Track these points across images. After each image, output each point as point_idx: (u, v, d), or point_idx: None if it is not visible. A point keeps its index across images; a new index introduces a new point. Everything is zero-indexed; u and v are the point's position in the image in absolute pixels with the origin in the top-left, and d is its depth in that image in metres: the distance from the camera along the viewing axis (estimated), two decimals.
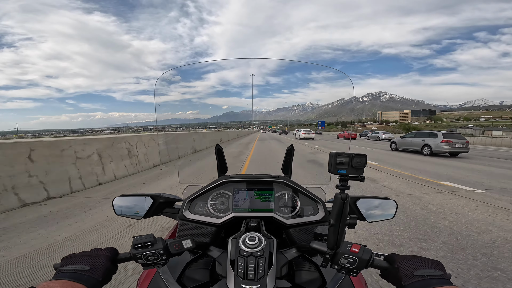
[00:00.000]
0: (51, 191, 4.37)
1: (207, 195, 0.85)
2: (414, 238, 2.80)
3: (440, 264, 0.54)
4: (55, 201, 4.24)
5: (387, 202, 0.87)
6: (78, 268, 0.52)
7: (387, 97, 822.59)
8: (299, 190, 0.85)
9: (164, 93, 1.30)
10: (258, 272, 0.57)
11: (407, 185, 5.48)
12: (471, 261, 2.31)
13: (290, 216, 0.82)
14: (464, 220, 3.38)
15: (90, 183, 5.26)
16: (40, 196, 4.17)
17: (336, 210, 0.53)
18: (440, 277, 0.51)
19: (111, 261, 0.58)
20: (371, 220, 0.85)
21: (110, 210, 3.63)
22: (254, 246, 0.60)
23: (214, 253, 0.68)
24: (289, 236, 0.80)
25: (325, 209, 0.82)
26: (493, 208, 3.90)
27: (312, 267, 0.74)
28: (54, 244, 2.64)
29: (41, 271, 2.12)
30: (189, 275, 0.72)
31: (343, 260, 0.56)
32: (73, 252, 0.59)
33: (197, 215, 0.81)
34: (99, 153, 5.73)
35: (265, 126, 59.85)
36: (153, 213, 0.87)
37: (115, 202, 0.86)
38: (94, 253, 0.57)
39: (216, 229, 0.79)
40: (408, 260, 0.55)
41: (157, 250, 0.59)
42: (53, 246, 2.59)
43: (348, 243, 0.57)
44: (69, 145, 4.97)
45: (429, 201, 4.23)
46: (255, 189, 0.85)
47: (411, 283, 0.51)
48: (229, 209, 0.82)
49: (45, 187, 4.29)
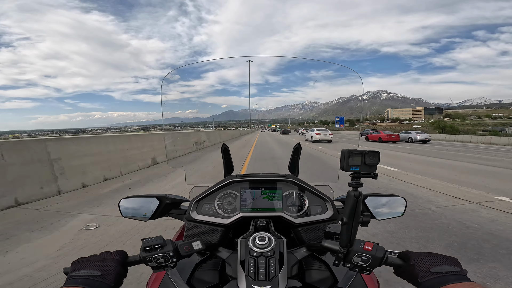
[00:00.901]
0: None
1: (214, 195, 0.84)
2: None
3: (456, 261, 0.54)
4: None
5: (396, 199, 0.86)
6: (90, 273, 0.52)
7: (387, 95, 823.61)
8: (307, 188, 0.84)
9: (164, 92, 1.30)
10: (269, 273, 0.56)
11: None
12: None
13: (298, 215, 0.81)
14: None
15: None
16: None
17: (349, 208, 0.53)
18: (458, 274, 0.50)
19: (122, 265, 0.57)
20: (380, 218, 0.84)
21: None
22: (264, 246, 0.60)
23: (223, 254, 0.67)
24: (298, 235, 0.79)
25: (333, 208, 0.82)
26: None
27: (323, 266, 0.73)
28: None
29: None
30: (199, 276, 0.71)
31: (356, 259, 0.55)
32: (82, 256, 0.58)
33: (204, 216, 0.80)
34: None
35: (264, 124, 59.35)
36: (159, 214, 0.86)
37: (122, 204, 0.85)
38: (104, 257, 0.57)
39: (224, 229, 0.78)
40: (424, 257, 0.54)
41: (167, 253, 0.58)
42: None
43: (360, 241, 0.56)
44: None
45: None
46: (262, 189, 0.84)
47: (428, 280, 0.50)
48: (236, 209, 0.81)
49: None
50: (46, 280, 1.99)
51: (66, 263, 0.73)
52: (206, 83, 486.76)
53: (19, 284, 1.96)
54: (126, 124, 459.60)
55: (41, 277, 2.05)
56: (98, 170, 5.74)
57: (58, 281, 1.98)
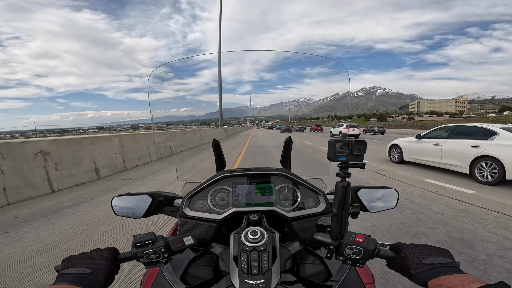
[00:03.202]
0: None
1: (206, 191, 0.83)
2: None
3: (448, 252, 0.54)
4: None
5: (389, 192, 0.87)
6: (80, 271, 0.52)
7: (382, 91, 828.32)
8: (299, 182, 0.84)
9: (157, 91, 1.27)
10: (262, 267, 0.56)
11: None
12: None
13: (291, 209, 0.81)
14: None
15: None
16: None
17: (338, 199, 0.53)
18: (450, 265, 0.50)
19: (112, 262, 0.57)
20: (373, 210, 0.85)
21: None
22: (256, 240, 0.60)
23: (217, 250, 0.67)
24: (291, 229, 0.79)
25: (326, 201, 0.82)
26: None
27: (317, 260, 0.74)
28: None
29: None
30: (193, 272, 0.71)
31: (348, 251, 0.55)
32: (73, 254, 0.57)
33: (197, 212, 0.80)
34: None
35: (260, 121, 57.01)
36: (152, 212, 0.85)
37: (114, 203, 0.84)
38: (95, 255, 0.56)
39: (217, 225, 0.78)
40: (415, 249, 0.55)
41: (158, 248, 0.57)
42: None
43: (352, 233, 0.56)
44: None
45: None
46: (254, 183, 0.84)
47: (421, 272, 0.50)
48: (229, 205, 0.81)
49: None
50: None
51: None
52: (201, 81, 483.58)
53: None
54: (119, 123, 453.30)
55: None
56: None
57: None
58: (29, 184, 4.46)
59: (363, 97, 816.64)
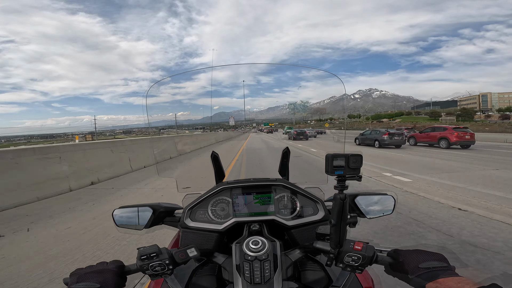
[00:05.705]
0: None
1: (206, 202, 0.84)
2: None
3: (443, 257, 0.56)
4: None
5: (386, 197, 0.87)
6: (89, 286, 0.52)
7: (378, 93, 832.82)
8: (298, 191, 0.85)
9: (154, 95, 1.27)
10: (264, 276, 0.57)
11: None
12: None
13: (291, 217, 0.82)
14: None
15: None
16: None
17: (337, 210, 0.55)
18: (446, 269, 0.52)
19: (119, 276, 0.58)
20: (370, 216, 0.85)
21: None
22: (258, 249, 0.61)
23: (219, 259, 0.68)
24: (292, 237, 0.80)
25: (324, 209, 0.83)
26: None
27: (317, 266, 0.75)
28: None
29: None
30: (196, 282, 0.72)
31: (347, 258, 0.57)
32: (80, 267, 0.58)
33: (198, 223, 0.81)
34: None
35: (258, 125, 51.35)
36: (153, 223, 0.85)
37: (116, 214, 0.84)
38: (101, 268, 0.57)
39: (218, 235, 0.79)
40: (412, 254, 0.57)
41: (163, 261, 0.59)
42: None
43: (350, 241, 0.58)
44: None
45: None
46: (254, 193, 0.85)
47: (418, 275, 0.52)
48: (230, 215, 0.82)
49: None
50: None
51: None
52: (197, 85, 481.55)
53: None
54: (115, 127, 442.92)
55: None
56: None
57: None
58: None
59: (360, 99, 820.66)
